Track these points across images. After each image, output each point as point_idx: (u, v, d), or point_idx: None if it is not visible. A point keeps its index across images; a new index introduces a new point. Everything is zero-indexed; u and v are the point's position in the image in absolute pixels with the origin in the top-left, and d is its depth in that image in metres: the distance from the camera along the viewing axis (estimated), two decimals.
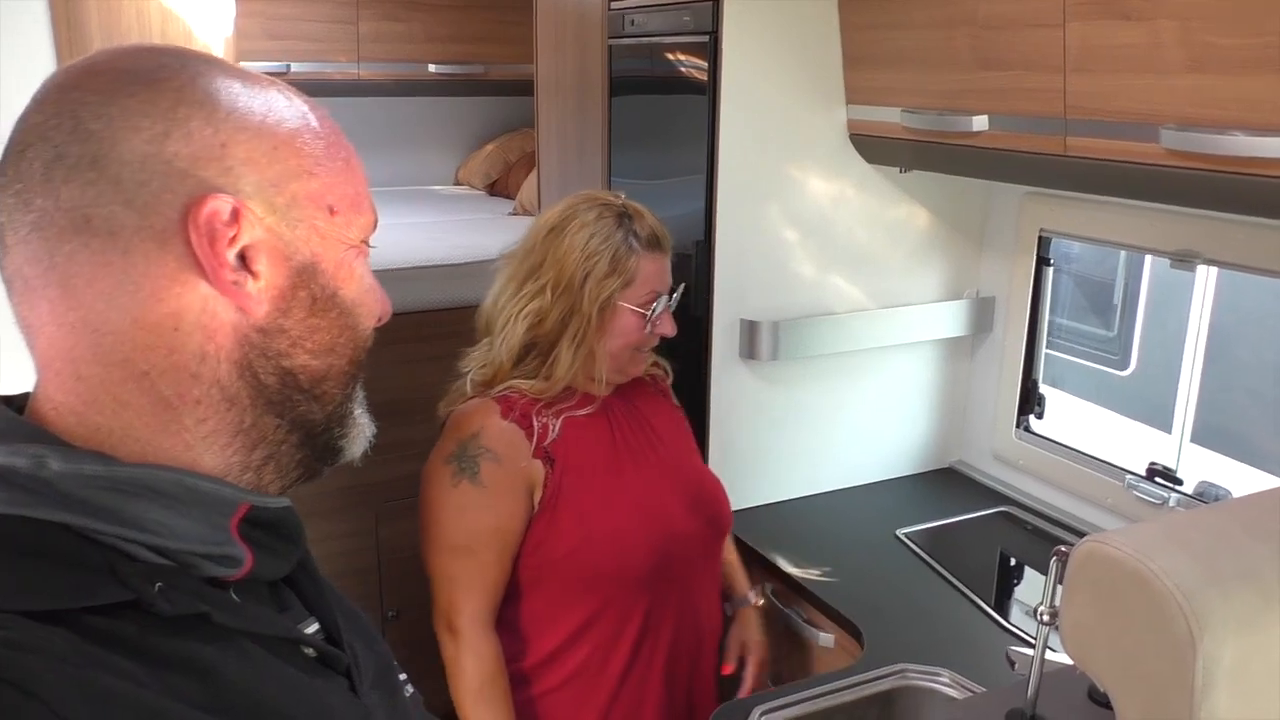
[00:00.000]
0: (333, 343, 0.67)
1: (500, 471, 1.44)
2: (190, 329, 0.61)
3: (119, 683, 0.53)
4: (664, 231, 1.51)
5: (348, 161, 0.69)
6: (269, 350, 0.64)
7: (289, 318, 0.64)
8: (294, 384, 0.66)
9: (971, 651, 1.60)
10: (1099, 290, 2.60)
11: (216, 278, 0.60)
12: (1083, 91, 1.45)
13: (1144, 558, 0.76)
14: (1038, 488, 2.12)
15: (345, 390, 0.70)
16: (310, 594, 0.73)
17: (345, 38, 3.65)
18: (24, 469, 0.57)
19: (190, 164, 0.60)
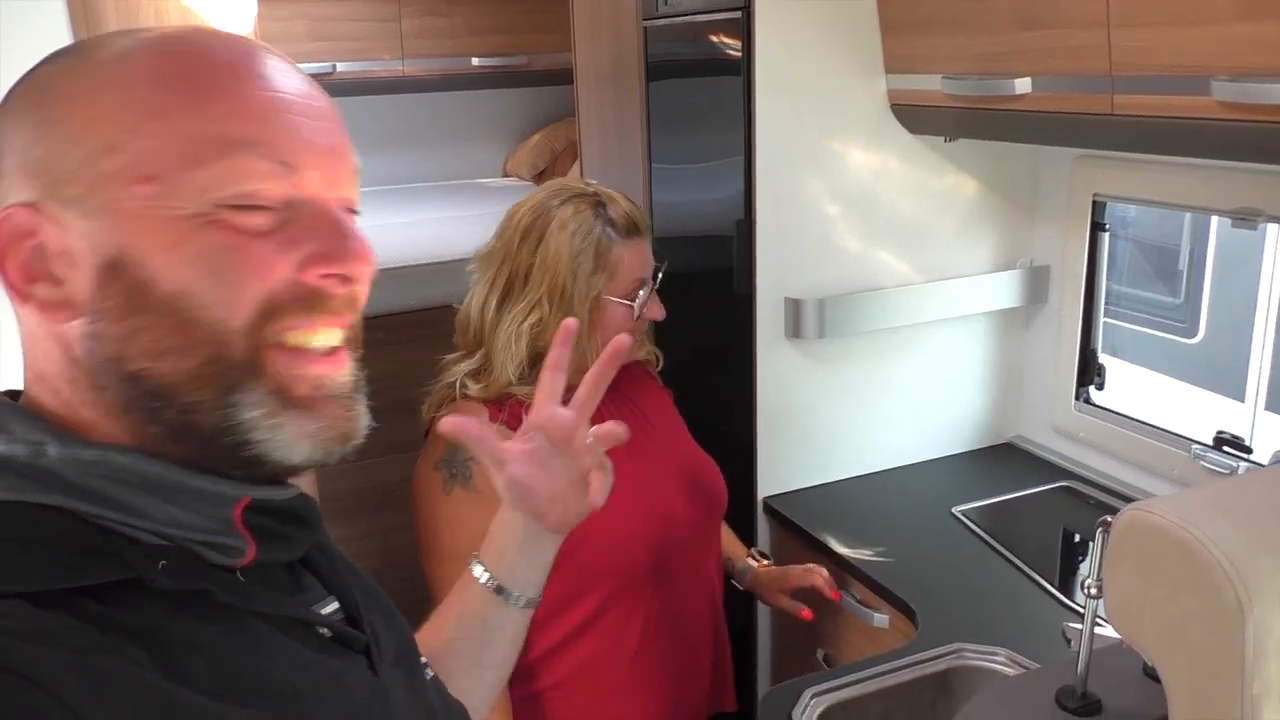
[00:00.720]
0: (164, 343, 0.58)
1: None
2: (54, 337, 0.59)
3: (123, 667, 0.53)
4: (639, 215, 1.47)
5: (189, 106, 0.58)
6: (100, 356, 0.59)
7: (105, 320, 0.58)
8: (143, 390, 0.59)
9: (1031, 630, 1.56)
10: (1163, 255, 2.51)
11: (14, 296, 0.59)
12: (1128, 46, 1.40)
13: (1189, 525, 0.73)
14: (1100, 461, 2.06)
15: (211, 395, 0.59)
16: (328, 573, 0.72)
17: (388, 35, 3.69)
18: (23, 456, 0.57)
19: (10, 175, 0.59)
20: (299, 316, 0.60)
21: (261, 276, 0.59)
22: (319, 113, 0.63)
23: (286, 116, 0.60)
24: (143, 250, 0.57)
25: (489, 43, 3.82)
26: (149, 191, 0.57)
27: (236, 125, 0.59)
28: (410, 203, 3.76)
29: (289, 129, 0.60)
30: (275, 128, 0.60)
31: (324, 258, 0.61)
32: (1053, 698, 0.98)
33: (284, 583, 0.68)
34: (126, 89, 0.58)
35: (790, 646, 2.05)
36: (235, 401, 0.59)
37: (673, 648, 1.53)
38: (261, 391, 0.59)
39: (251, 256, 0.59)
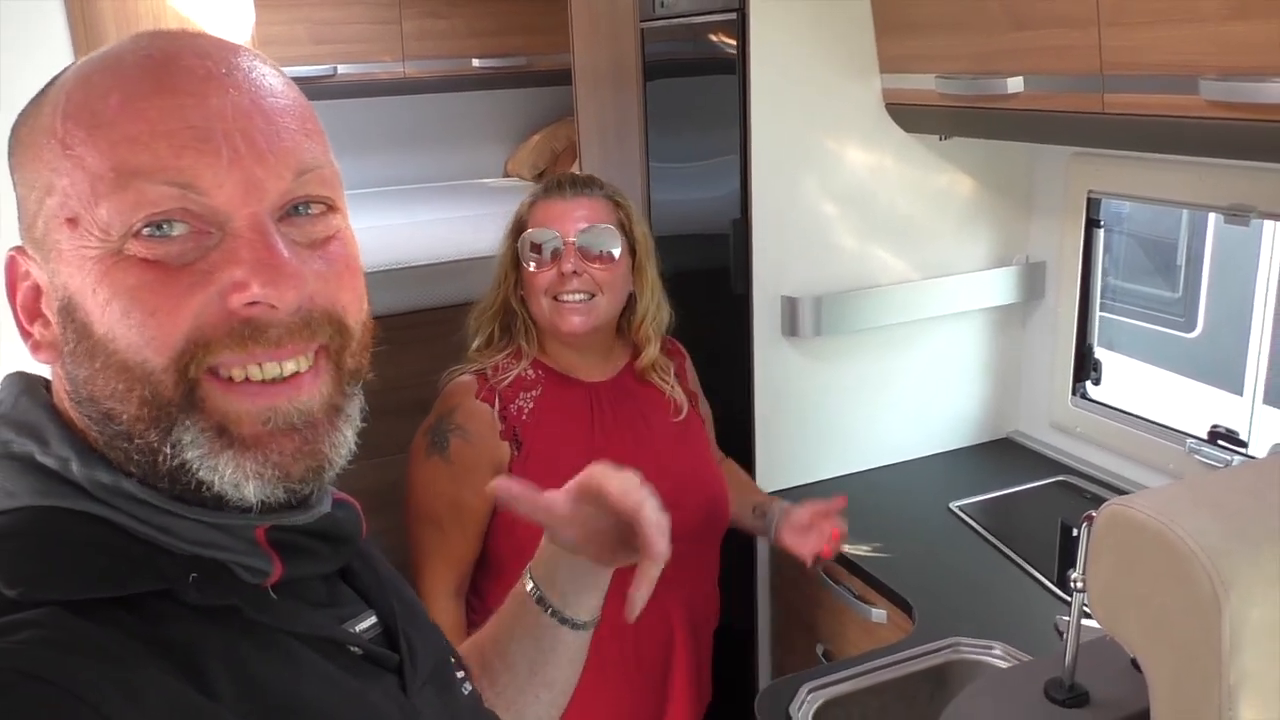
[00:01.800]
0: (110, 386, 0.56)
1: (468, 449, 1.47)
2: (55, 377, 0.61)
3: (157, 678, 0.53)
4: (572, 180, 1.53)
5: (89, 139, 0.55)
6: (79, 396, 0.59)
7: (70, 361, 0.58)
8: (112, 429, 0.58)
9: (1028, 625, 1.57)
10: (1160, 250, 2.52)
11: (20, 332, 0.61)
12: (1118, 46, 1.41)
13: (1167, 519, 0.75)
14: (1097, 455, 2.08)
15: (154, 433, 0.56)
16: (369, 585, 0.70)
17: (389, 38, 3.71)
18: (54, 467, 0.58)
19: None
20: (232, 350, 0.56)
21: (179, 312, 0.55)
22: (238, 112, 0.57)
23: (184, 132, 0.55)
24: (80, 293, 0.56)
25: (489, 44, 3.84)
26: (74, 233, 0.56)
27: (127, 151, 0.55)
28: (412, 204, 3.78)
29: (186, 144, 0.55)
30: (170, 145, 0.55)
31: (242, 285, 0.56)
32: (1041, 689, 1.00)
33: (319, 596, 0.66)
34: (51, 125, 0.57)
35: (790, 643, 2.06)
36: (176, 440, 0.56)
37: (633, 650, 1.54)
38: (197, 429, 0.57)
39: (168, 291, 0.55)
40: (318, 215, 0.61)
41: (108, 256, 0.55)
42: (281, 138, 0.58)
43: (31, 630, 0.51)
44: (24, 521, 0.57)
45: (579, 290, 1.49)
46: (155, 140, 0.54)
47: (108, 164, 0.54)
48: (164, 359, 0.55)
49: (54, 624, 0.52)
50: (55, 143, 0.56)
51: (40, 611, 0.53)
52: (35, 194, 0.57)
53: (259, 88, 0.58)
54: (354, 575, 0.70)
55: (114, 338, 0.55)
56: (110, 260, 0.55)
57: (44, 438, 0.59)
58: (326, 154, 0.62)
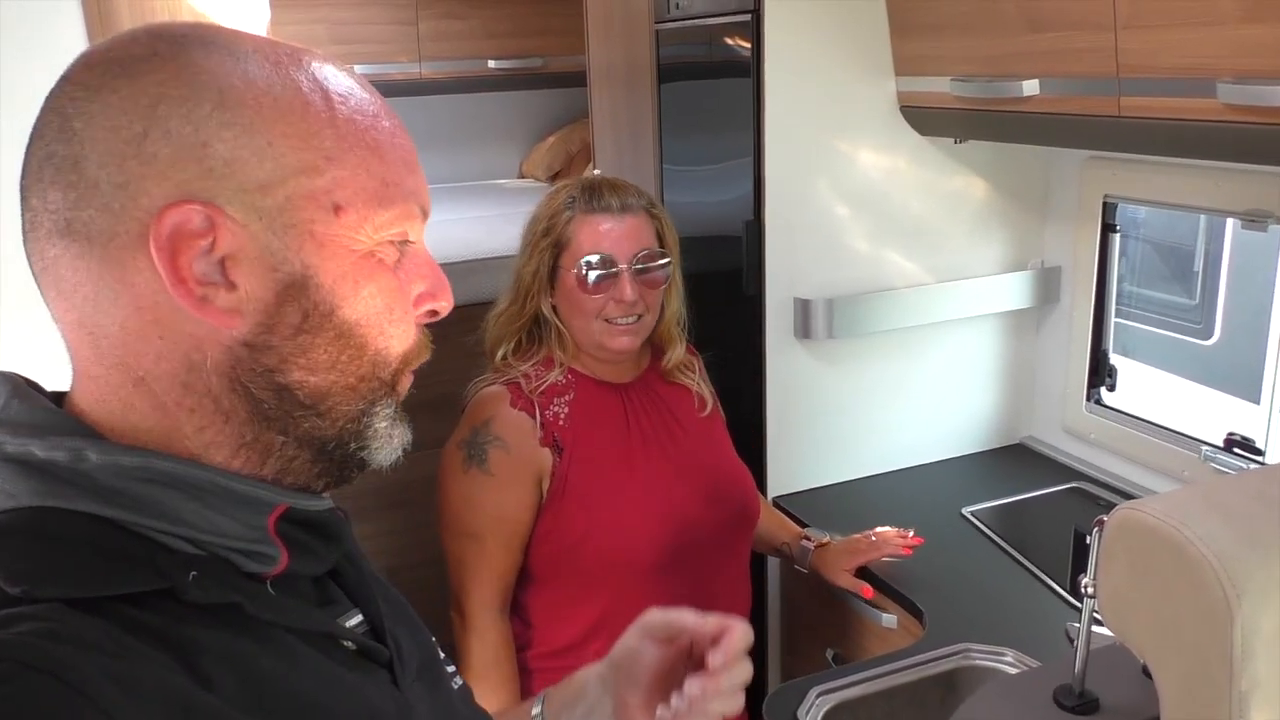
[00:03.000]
0: (333, 360, 0.62)
1: (508, 460, 1.44)
2: (177, 337, 0.58)
3: (156, 672, 0.53)
4: (620, 197, 1.48)
5: (375, 148, 0.62)
6: (257, 366, 0.60)
7: (275, 334, 0.60)
8: (293, 400, 0.61)
9: (1039, 631, 1.56)
10: (1177, 256, 2.50)
11: (179, 294, 0.57)
12: (1134, 49, 1.40)
13: (1179, 524, 0.74)
14: (1111, 462, 2.06)
15: (358, 405, 0.64)
16: (354, 585, 0.72)
17: (406, 38, 3.72)
18: (64, 462, 0.57)
19: (169, 166, 0.56)
20: (423, 352, 0.68)
21: (409, 316, 0.66)
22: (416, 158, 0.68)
23: (416, 166, 0.66)
24: (327, 275, 0.61)
25: (505, 45, 3.85)
26: (338, 220, 0.60)
27: (405, 173, 0.64)
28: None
29: (420, 178, 0.66)
30: (418, 180, 0.66)
31: (430, 296, 0.67)
32: (1051, 696, 0.99)
33: (311, 594, 0.68)
34: (319, 115, 0.60)
35: (800, 647, 2.06)
36: (375, 412, 0.65)
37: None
38: (393, 405, 0.66)
39: (404, 296, 0.65)
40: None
41: (367, 255, 0.62)
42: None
43: (31, 623, 0.52)
44: (24, 520, 0.57)
45: (632, 313, 1.49)
46: (414, 170, 0.65)
47: (394, 178, 0.63)
48: (399, 350, 0.65)
49: (54, 618, 0.52)
50: (332, 134, 0.60)
51: (40, 606, 0.53)
52: (277, 166, 0.58)
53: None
54: (340, 575, 0.71)
55: (368, 324, 0.62)
56: (369, 259, 0.62)
57: (45, 434, 0.58)
58: None
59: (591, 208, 1.46)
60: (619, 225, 1.46)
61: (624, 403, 1.55)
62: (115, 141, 0.56)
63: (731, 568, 1.62)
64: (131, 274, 0.57)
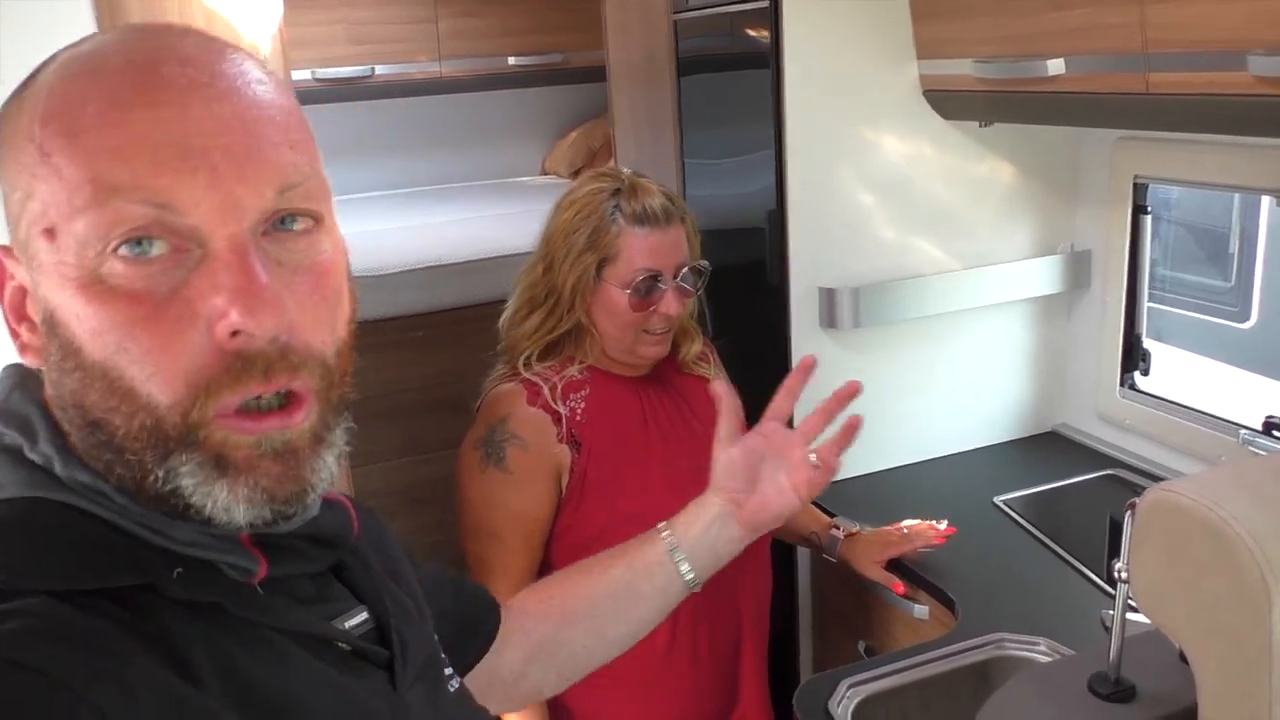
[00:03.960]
0: (106, 403, 0.55)
1: (526, 458, 1.43)
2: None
3: (148, 670, 0.53)
4: (663, 207, 1.44)
5: (66, 147, 0.52)
6: (64, 403, 0.58)
7: (56, 370, 0.57)
8: (98, 439, 0.57)
9: (1074, 620, 1.53)
10: (1212, 238, 2.45)
11: (10, 333, 0.59)
12: (1162, 23, 1.37)
13: (1213, 505, 0.72)
14: (1146, 448, 2.02)
15: (150, 456, 0.55)
16: (361, 582, 0.70)
17: (426, 37, 3.73)
18: (40, 464, 0.58)
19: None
20: (230, 389, 0.55)
21: (175, 351, 0.54)
22: (219, 125, 0.55)
23: (164, 148, 0.53)
24: (63, 311, 0.55)
25: (525, 42, 3.85)
26: (49, 246, 0.54)
27: (105, 165, 0.52)
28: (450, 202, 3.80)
29: (165, 161, 0.53)
30: (149, 161, 0.53)
31: (222, 314, 0.54)
32: (1085, 684, 0.97)
33: (307, 593, 0.66)
34: (30, 127, 0.54)
35: (831, 639, 2.04)
36: (172, 468, 0.56)
37: (708, 640, 1.53)
38: (195, 462, 0.56)
39: (158, 329, 0.54)
40: (302, 231, 0.59)
41: (90, 281, 0.53)
42: (264, 152, 0.56)
43: (21, 619, 0.51)
44: (9, 511, 0.57)
45: (671, 325, 1.49)
46: (135, 155, 0.52)
47: (85, 176, 0.52)
48: (168, 398, 0.54)
49: (43, 613, 0.52)
50: (34, 147, 0.54)
51: (30, 601, 0.52)
52: (17, 195, 0.55)
53: (242, 97, 0.56)
54: (346, 571, 0.70)
55: (114, 366, 0.54)
56: (93, 287, 0.53)
57: (33, 433, 0.59)
58: (314, 165, 0.59)
59: (638, 219, 1.43)
60: (664, 238, 1.44)
61: (640, 397, 1.53)
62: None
63: (752, 558, 1.59)
64: None
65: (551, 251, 1.46)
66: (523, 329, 1.50)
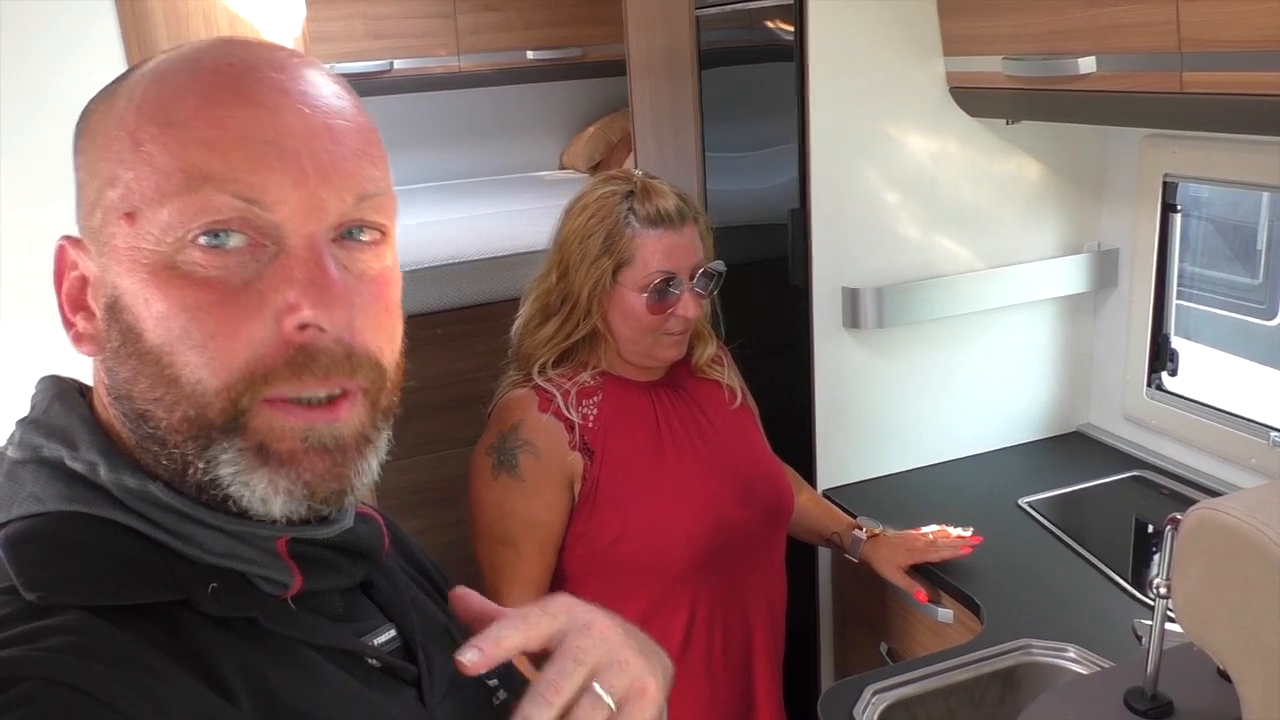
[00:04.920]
0: (154, 392, 0.56)
1: (538, 465, 1.42)
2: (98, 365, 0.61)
3: (187, 689, 0.53)
4: (677, 208, 1.42)
5: (164, 139, 0.55)
6: (116, 393, 0.59)
7: (112, 359, 0.58)
8: (147, 431, 0.58)
9: (1102, 626, 1.51)
10: (1239, 235, 2.42)
11: (64, 323, 0.60)
12: (1197, 21, 1.34)
13: (1261, 524, 0.70)
14: (1174, 449, 2.00)
15: (192, 446, 0.56)
16: (389, 599, 0.70)
17: (444, 32, 3.72)
18: (82, 472, 0.58)
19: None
20: (287, 381, 0.56)
21: (239, 339, 0.55)
22: (310, 131, 0.57)
23: (258, 145, 0.55)
24: (131, 295, 0.56)
25: (543, 36, 3.84)
26: (128, 230, 0.56)
27: (200, 156, 0.54)
28: (469, 198, 3.79)
29: (259, 157, 0.55)
30: (243, 157, 0.55)
31: (293, 307, 0.55)
32: (1121, 699, 0.95)
33: (337, 609, 0.66)
34: (124, 117, 0.57)
35: (853, 642, 2.02)
36: (213, 457, 0.56)
37: (720, 649, 1.52)
38: (236, 450, 0.56)
39: (226, 315, 0.55)
40: (370, 243, 0.60)
41: (162, 267, 0.55)
42: (348, 161, 0.58)
43: (60, 637, 0.51)
44: (48, 526, 0.57)
45: (689, 326, 1.48)
46: (229, 149, 0.54)
47: (178, 164, 0.54)
48: (219, 383, 0.55)
49: (81, 630, 0.52)
50: (125, 135, 0.56)
51: (67, 617, 0.52)
52: (96, 184, 0.57)
53: (330, 107, 0.58)
54: (374, 588, 0.70)
55: (169, 351, 0.55)
56: (167, 272, 0.55)
57: (74, 442, 0.59)
58: (387, 180, 0.61)
59: (653, 221, 1.41)
60: (679, 239, 1.43)
61: (653, 402, 1.52)
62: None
63: (767, 563, 1.58)
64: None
65: (566, 258, 1.44)
66: (537, 337, 1.48)
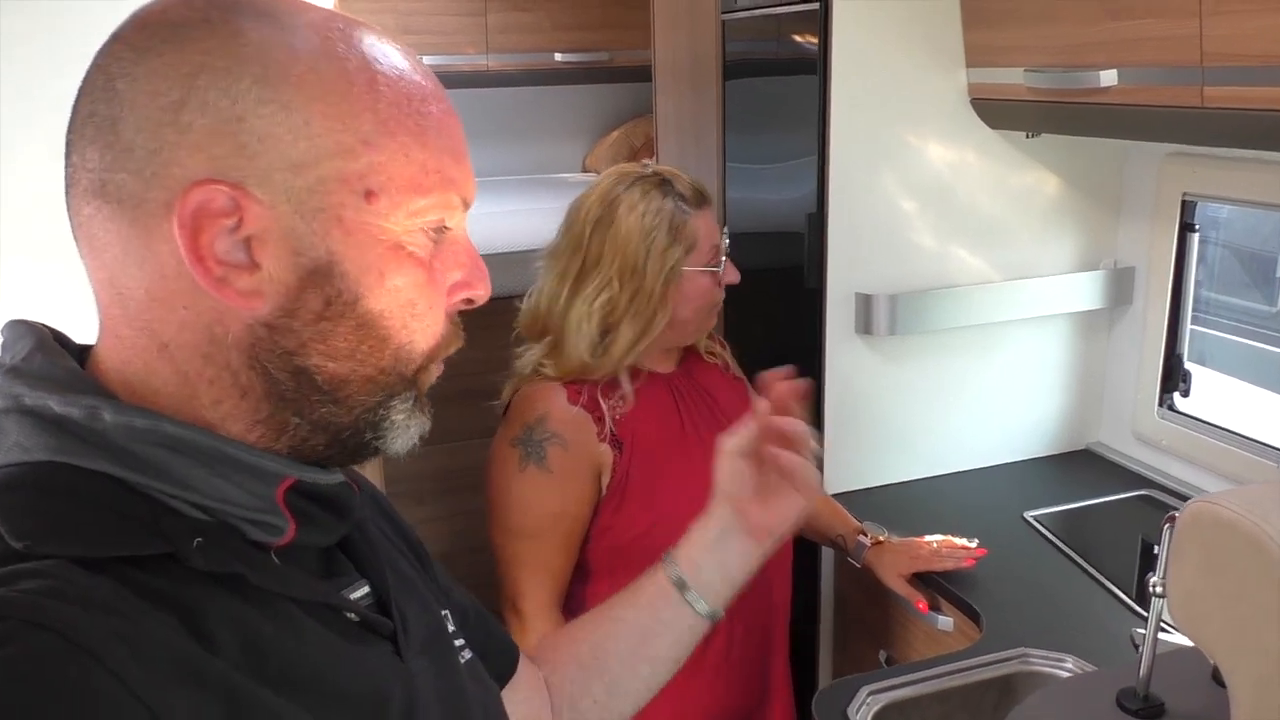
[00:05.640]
0: (353, 350, 0.61)
1: (567, 457, 1.41)
2: (200, 310, 0.58)
3: (165, 635, 0.53)
4: (702, 185, 1.49)
5: (418, 133, 0.60)
6: (276, 347, 0.59)
7: (296, 318, 0.59)
8: (310, 384, 0.60)
9: (1102, 639, 1.51)
10: (1256, 262, 2.41)
11: (198, 272, 0.56)
12: (1220, 36, 1.35)
13: (1258, 518, 0.70)
14: (1183, 469, 1.99)
15: (375, 396, 0.63)
16: (363, 556, 0.71)
17: (474, 30, 3.75)
18: (79, 418, 0.57)
19: (203, 138, 0.55)
20: (450, 346, 0.67)
21: (438, 310, 0.64)
22: (461, 135, 0.65)
23: (464, 155, 0.64)
24: (353, 264, 0.59)
25: (572, 39, 3.86)
26: (369, 206, 0.59)
27: (449, 161, 0.62)
28: (491, 195, 3.80)
29: (468, 167, 0.65)
30: (464, 170, 0.64)
31: (465, 285, 0.66)
32: (1113, 699, 0.95)
33: (316, 565, 0.68)
34: (362, 96, 0.58)
35: (852, 647, 2.02)
36: (393, 405, 0.64)
37: (740, 642, 1.52)
38: (411, 398, 0.65)
39: (435, 291, 0.63)
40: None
41: (398, 245, 0.61)
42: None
43: (36, 580, 0.51)
44: (34, 475, 0.56)
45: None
46: (461, 160, 0.63)
47: (433, 165, 0.61)
48: (424, 347, 0.64)
49: (58, 575, 0.52)
50: (371, 117, 0.59)
51: (46, 563, 0.52)
52: (310, 146, 0.57)
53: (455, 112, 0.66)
54: (349, 545, 0.71)
55: (391, 316, 0.61)
56: (399, 250, 0.61)
57: (66, 387, 0.58)
58: None
59: (697, 202, 1.46)
60: (712, 213, 1.50)
61: (673, 393, 1.53)
62: (153, 108, 0.55)
63: (779, 555, 1.59)
64: (158, 242, 0.57)
65: (631, 259, 1.42)
66: (616, 350, 1.44)
